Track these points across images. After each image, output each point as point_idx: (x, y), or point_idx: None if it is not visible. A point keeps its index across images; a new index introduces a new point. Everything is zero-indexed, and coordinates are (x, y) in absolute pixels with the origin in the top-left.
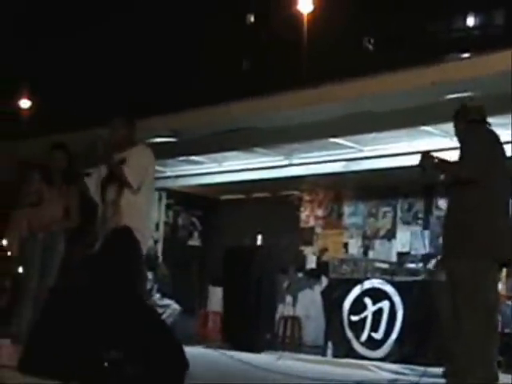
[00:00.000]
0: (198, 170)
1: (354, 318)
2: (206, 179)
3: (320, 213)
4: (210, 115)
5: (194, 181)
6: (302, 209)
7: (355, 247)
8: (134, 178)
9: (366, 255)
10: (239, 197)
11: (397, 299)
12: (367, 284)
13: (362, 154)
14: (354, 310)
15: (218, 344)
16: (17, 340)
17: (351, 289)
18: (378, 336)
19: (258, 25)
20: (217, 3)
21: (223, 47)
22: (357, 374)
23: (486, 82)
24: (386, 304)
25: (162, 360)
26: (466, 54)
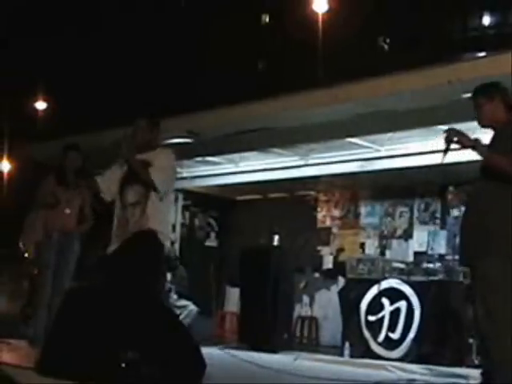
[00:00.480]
0: (214, 171)
1: (372, 318)
2: (223, 180)
3: (336, 213)
4: (226, 116)
5: (211, 182)
6: (318, 209)
7: (372, 247)
8: (162, 184)
9: (383, 255)
10: (256, 197)
11: (414, 299)
12: (384, 284)
13: (378, 154)
14: (371, 310)
15: (235, 344)
16: (34, 341)
17: (368, 289)
18: (395, 336)
19: (273, 25)
20: (232, 3)
21: (239, 47)
22: (374, 374)
23: (502, 80)
24: (403, 304)
25: (180, 361)
26: (482, 53)
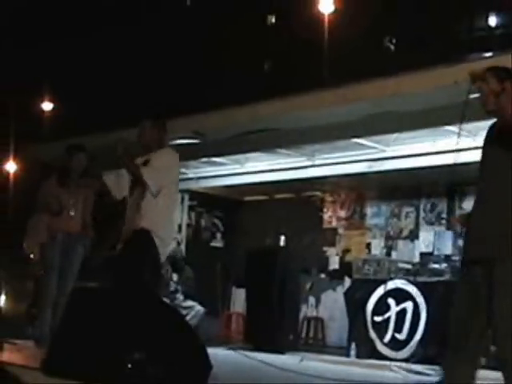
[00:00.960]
0: (220, 172)
1: (378, 319)
2: (229, 180)
3: (343, 213)
4: (232, 116)
5: (217, 182)
6: (324, 210)
7: (378, 248)
8: (152, 180)
9: (389, 256)
10: (262, 198)
11: (420, 300)
12: (390, 284)
13: (384, 155)
14: (377, 310)
15: (241, 345)
16: (39, 341)
17: (374, 289)
18: (401, 337)
19: (280, 25)
20: (238, 4)
21: (245, 48)
22: (380, 374)
23: None
24: (409, 304)
25: (186, 361)
26: (489, 53)
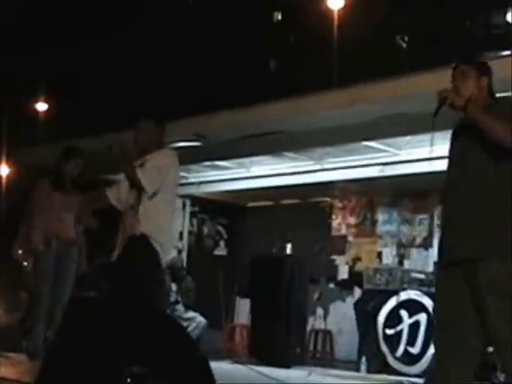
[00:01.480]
0: (224, 176)
1: (390, 332)
2: (233, 185)
3: (352, 220)
4: (237, 118)
5: (220, 187)
6: (333, 216)
7: (390, 256)
8: (148, 181)
9: (402, 265)
10: (267, 204)
11: None
12: (403, 295)
13: (396, 158)
14: (389, 322)
15: (245, 359)
16: (33, 355)
17: (386, 300)
18: (414, 350)
19: (286, 23)
20: (242, 1)
21: (250, 46)
22: None
23: None
24: (423, 316)
25: (187, 375)
26: (506, 52)
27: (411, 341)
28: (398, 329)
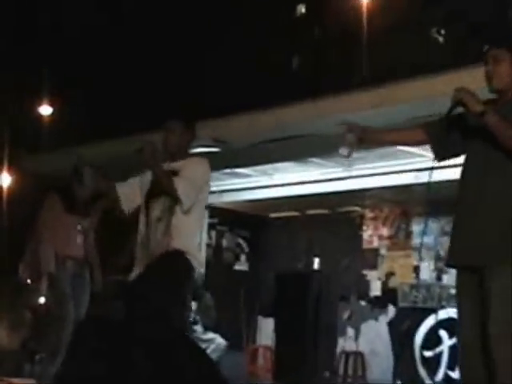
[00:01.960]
0: (244, 184)
1: (428, 354)
2: (254, 194)
3: (385, 232)
4: (258, 121)
5: (241, 196)
6: (364, 227)
7: (427, 271)
8: (186, 195)
9: (440, 280)
10: (292, 214)
11: None
12: (442, 314)
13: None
14: (427, 343)
15: (269, 383)
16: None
17: (423, 319)
18: (455, 375)
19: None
20: None
21: (270, 43)
22: None
23: None
24: None
25: None
26: None
27: (452, 364)
28: (438, 350)
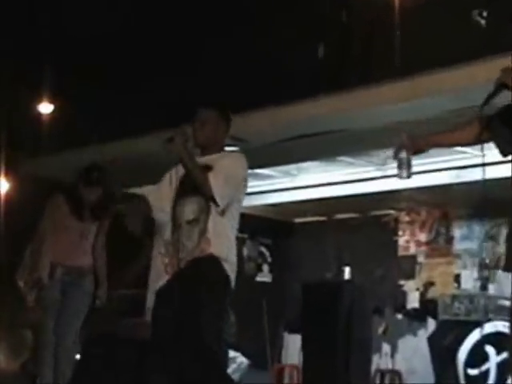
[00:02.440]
0: (266, 187)
1: (473, 372)
2: (277, 198)
3: (423, 237)
4: (280, 117)
5: (262, 200)
6: (399, 232)
7: (470, 280)
8: (220, 192)
9: (485, 290)
10: (319, 219)
11: None
12: (488, 327)
13: (475, 161)
14: (471, 361)
15: None
16: None
17: (467, 334)
18: None
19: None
20: None
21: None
22: None
23: None
24: None
25: None
26: None
27: (500, 383)
28: (484, 368)
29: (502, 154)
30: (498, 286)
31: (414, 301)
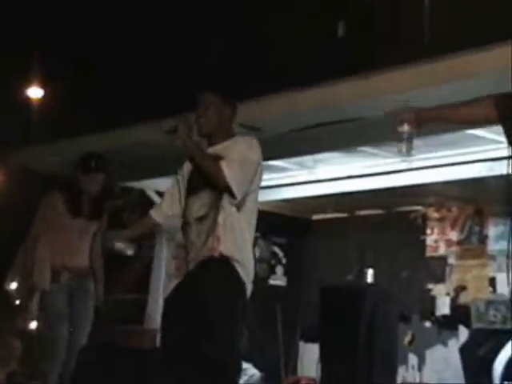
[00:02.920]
0: (280, 180)
1: None
2: (293, 192)
3: (454, 236)
4: (296, 103)
5: (276, 195)
6: (428, 231)
7: (506, 284)
8: (237, 182)
9: None
10: (339, 216)
11: None
12: None
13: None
14: (509, 373)
15: None
16: None
17: (504, 343)
18: None
19: None
20: None
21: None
22: None
23: None
24: None
25: None
26: None
27: None
28: None
29: (508, 140)
30: None
31: (443, 307)
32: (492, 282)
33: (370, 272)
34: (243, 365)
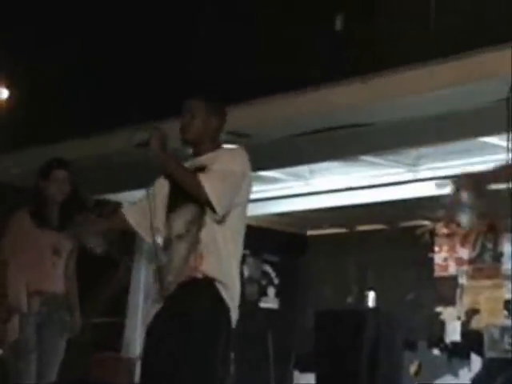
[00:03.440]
0: (273, 192)
1: None
2: (287, 205)
3: (465, 253)
4: (291, 107)
5: (268, 209)
6: (436, 248)
7: None
8: (218, 196)
9: None
10: (337, 231)
11: None
12: None
13: None
14: None
15: None
16: None
17: None
18: None
19: None
20: None
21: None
22: None
23: None
24: None
25: None
26: None
27: None
28: None
29: None
30: None
31: (454, 333)
32: (507, 304)
33: (372, 294)
34: None
